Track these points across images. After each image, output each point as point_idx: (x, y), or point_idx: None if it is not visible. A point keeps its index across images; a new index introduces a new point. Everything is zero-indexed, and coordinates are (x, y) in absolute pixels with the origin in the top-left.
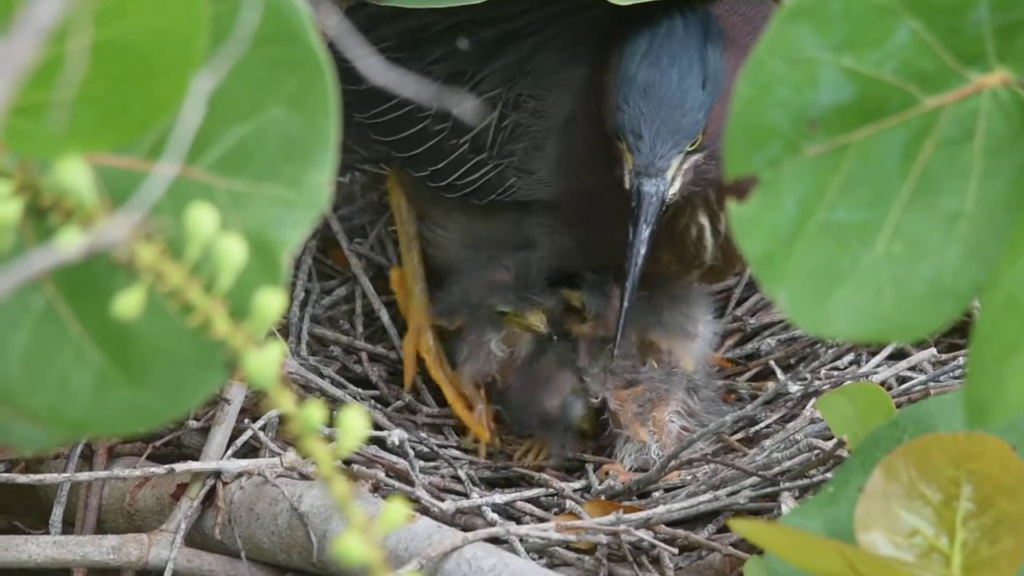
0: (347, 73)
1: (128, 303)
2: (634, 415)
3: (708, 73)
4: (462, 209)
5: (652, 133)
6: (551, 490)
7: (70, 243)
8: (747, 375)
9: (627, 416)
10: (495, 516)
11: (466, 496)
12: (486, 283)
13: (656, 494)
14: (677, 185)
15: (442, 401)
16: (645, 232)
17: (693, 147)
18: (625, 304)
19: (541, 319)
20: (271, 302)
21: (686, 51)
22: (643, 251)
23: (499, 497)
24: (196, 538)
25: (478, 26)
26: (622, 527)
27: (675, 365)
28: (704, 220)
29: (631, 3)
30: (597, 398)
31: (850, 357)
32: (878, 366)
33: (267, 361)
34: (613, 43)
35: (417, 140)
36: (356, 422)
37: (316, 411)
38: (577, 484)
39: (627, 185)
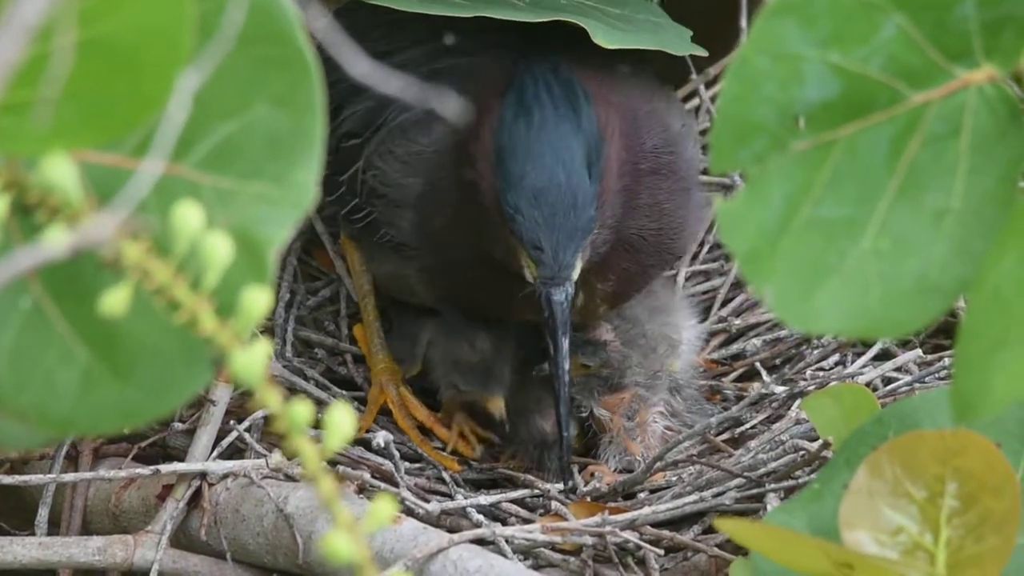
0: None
1: (114, 301)
2: (625, 429)
3: (590, 153)
4: (376, 252)
5: (553, 245)
6: (536, 491)
7: (56, 241)
8: (732, 376)
9: (618, 428)
10: (480, 517)
11: (451, 497)
12: (450, 361)
13: (641, 495)
14: (578, 275)
15: (428, 404)
16: (565, 344)
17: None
18: (565, 434)
19: (499, 407)
20: (257, 300)
21: (564, 140)
22: (567, 365)
23: (484, 498)
24: (182, 539)
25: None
26: (608, 528)
27: (658, 368)
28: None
29: (617, 47)
30: (586, 411)
31: (836, 358)
32: (864, 367)
33: (253, 359)
34: (483, 115)
35: (326, 168)
36: (342, 420)
37: (302, 409)
38: (562, 485)
39: (530, 281)
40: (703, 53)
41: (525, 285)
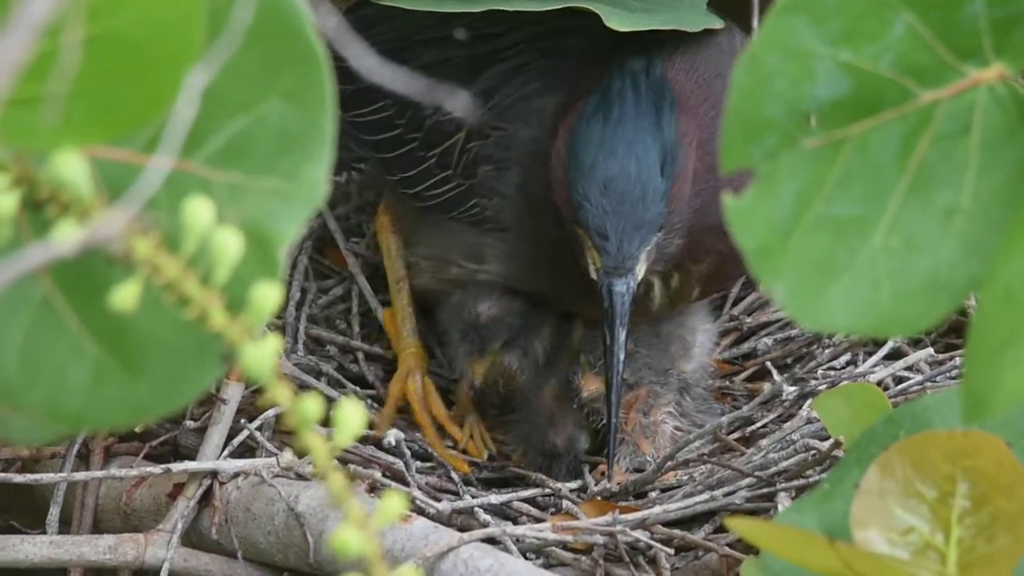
0: (340, 72)
1: (125, 296)
2: (640, 426)
3: (665, 155)
4: (438, 229)
5: (618, 234)
6: (547, 490)
7: (67, 236)
8: (743, 375)
9: (633, 424)
10: (488, 517)
11: (461, 497)
12: (460, 326)
13: (652, 494)
14: (643, 273)
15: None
16: (622, 335)
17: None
18: (613, 419)
19: (480, 372)
20: (268, 295)
21: (640, 135)
22: (622, 356)
23: (495, 497)
24: (193, 538)
25: (462, 40)
26: (618, 527)
27: (669, 367)
28: (654, 279)
29: (630, 29)
30: (602, 418)
31: (847, 357)
32: (875, 366)
33: (264, 354)
34: (572, 103)
35: (392, 145)
36: (352, 415)
37: (313, 404)
38: (573, 484)
39: (594, 277)
40: (719, 25)
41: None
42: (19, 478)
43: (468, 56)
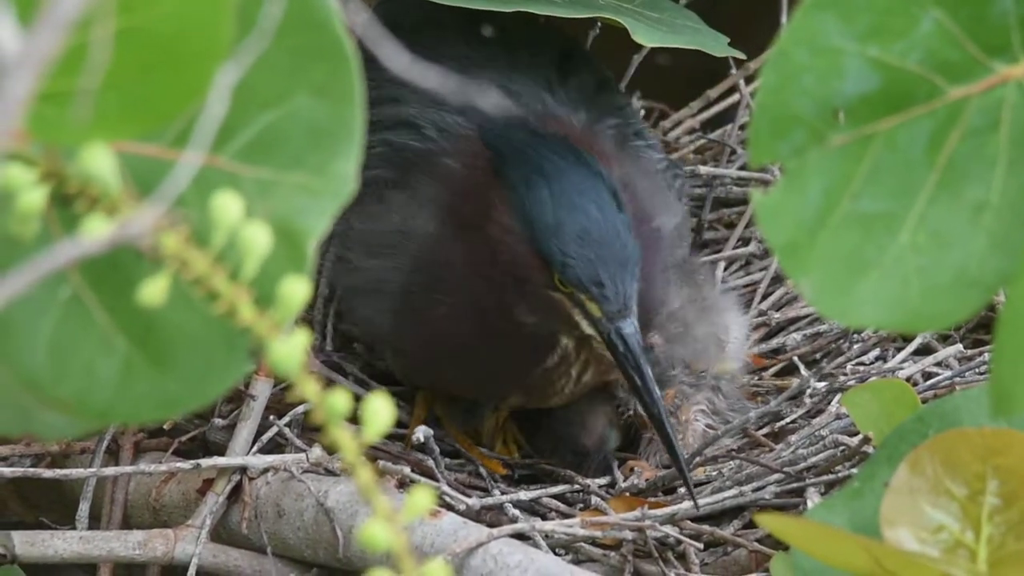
0: None
1: (153, 291)
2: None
3: (611, 189)
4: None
5: (612, 277)
6: (576, 486)
7: (96, 232)
8: (772, 370)
9: None
10: (518, 513)
11: (491, 493)
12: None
13: (681, 490)
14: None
15: None
16: (649, 371)
17: None
18: (679, 452)
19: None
20: (297, 290)
21: (584, 179)
22: (658, 391)
23: (524, 493)
24: (222, 534)
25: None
26: (647, 523)
27: (704, 370)
28: (574, 370)
29: (658, 44)
30: (630, 409)
31: (876, 353)
32: (903, 362)
33: (292, 349)
34: (483, 192)
35: None
36: (381, 410)
37: (342, 398)
38: (602, 480)
39: (589, 332)
40: (741, 56)
41: (547, 357)
42: (49, 473)
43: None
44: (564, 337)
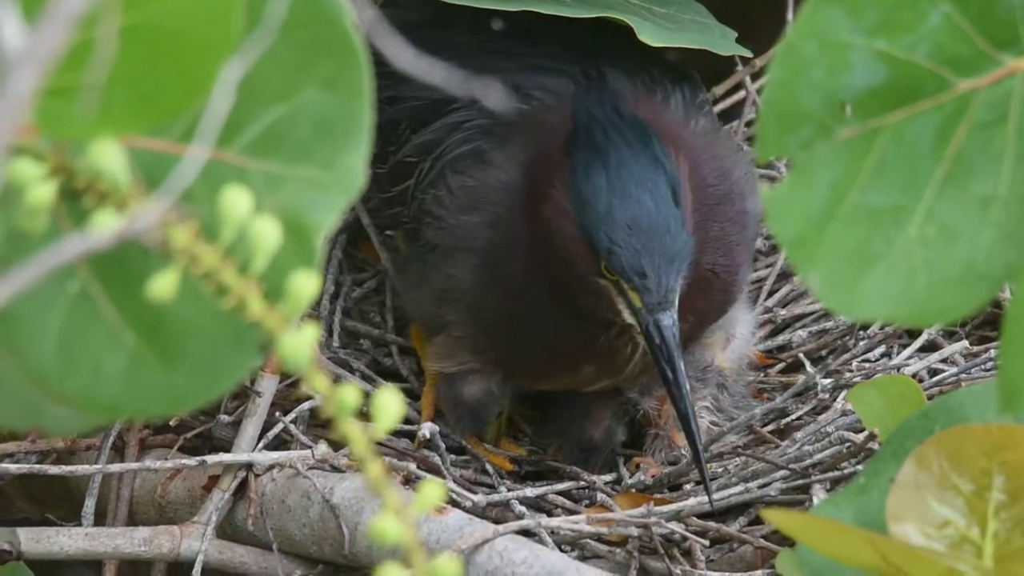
0: None
1: (162, 286)
2: (674, 421)
3: (672, 182)
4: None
5: (656, 269)
6: (582, 483)
7: (104, 226)
8: (778, 367)
9: (666, 418)
10: (524, 509)
11: (497, 489)
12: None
13: (687, 487)
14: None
15: None
16: (682, 366)
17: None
18: (699, 448)
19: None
20: (306, 284)
21: (646, 173)
22: (688, 386)
23: (530, 490)
24: (228, 530)
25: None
26: (653, 519)
27: (709, 364)
28: (640, 336)
29: (662, 45)
30: (640, 409)
31: (881, 349)
32: (909, 358)
33: (301, 343)
34: (542, 169)
35: (376, 160)
36: (390, 404)
37: (350, 392)
38: (608, 477)
39: (630, 321)
40: (748, 54)
41: (608, 331)
42: (54, 470)
43: (424, 102)
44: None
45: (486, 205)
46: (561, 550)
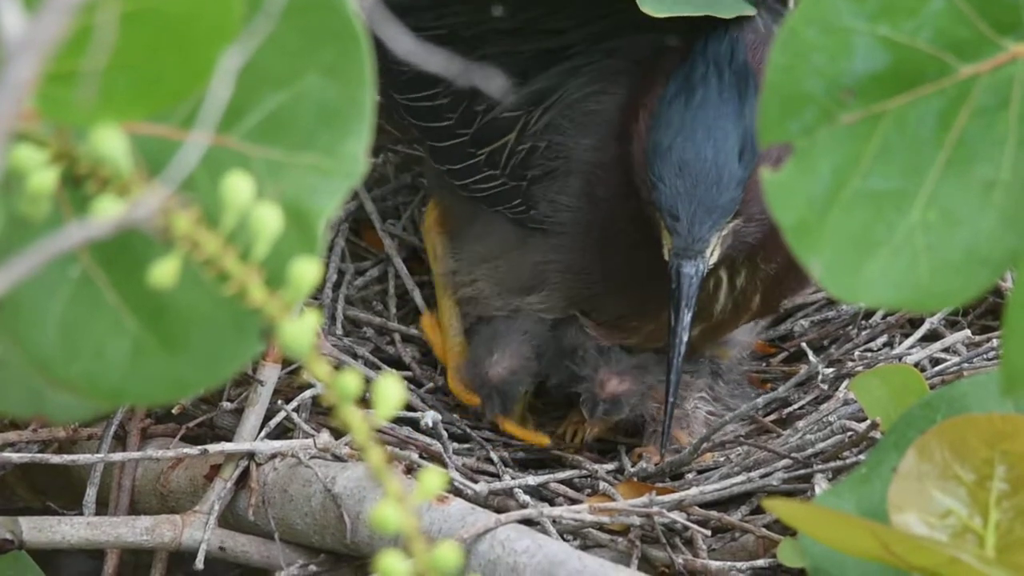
0: (394, 56)
1: (164, 272)
2: (675, 419)
3: (745, 142)
4: (491, 234)
5: (689, 215)
6: (584, 472)
7: (106, 212)
8: (780, 357)
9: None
10: (527, 498)
11: (499, 478)
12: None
13: (689, 476)
14: (716, 257)
15: None
16: (687, 317)
17: (731, 220)
18: (670, 399)
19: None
20: (307, 270)
21: (721, 121)
22: (686, 338)
23: (532, 479)
24: (229, 519)
25: (519, 35)
26: (655, 509)
27: (702, 353)
28: (723, 274)
29: (666, 15)
30: (635, 410)
31: (883, 339)
32: (911, 348)
33: (303, 329)
34: (648, 89)
35: (442, 135)
36: (391, 391)
37: (352, 379)
38: (610, 466)
39: (665, 258)
40: (751, 12)
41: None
42: (56, 459)
43: (528, 54)
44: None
45: (604, 128)
46: (563, 539)
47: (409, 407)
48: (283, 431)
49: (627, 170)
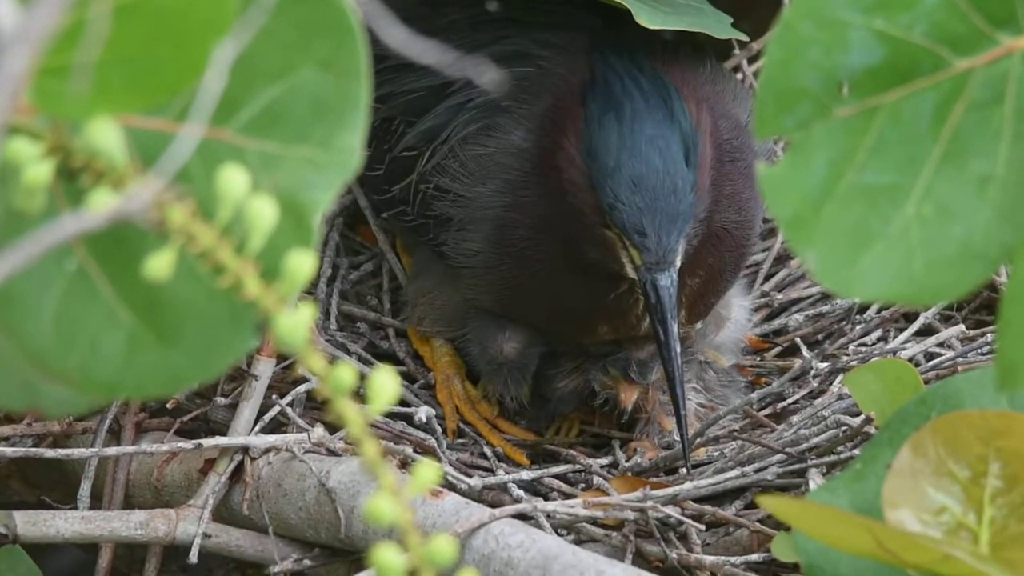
0: None
1: (159, 264)
2: (660, 404)
3: (686, 144)
4: (428, 268)
5: (656, 229)
6: (578, 466)
7: (101, 206)
8: (774, 351)
9: (653, 403)
10: (522, 493)
11: (493, 473)
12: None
13: (683, 470)
14: (680, 260)
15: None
16: (675, 328)
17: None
18: (683, 411)
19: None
20: (302, 263)
21: (659, 128)
22: (679, 348)
23: (527, 473)
24: (224, 513)
25: (411, 70)
26: (649, 503)
27: (689, 345)
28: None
29: (659, 27)
30: (623, 403)
31: (878, 333)
32: (906, 342)
33: (298, 322)
34: (557, 118)
35: (366, 165)
36: (386, 384)
37: (347, 372)
38: (604, 460)
39: (632, 276)
40: (745, 38)
41: (618, 287)
42: (50, 453)
43: (419, 91)
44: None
45: (499, 172)
46: (557, 534)
47: (403, 402)
48: (277, 425)
49: (549, 204)
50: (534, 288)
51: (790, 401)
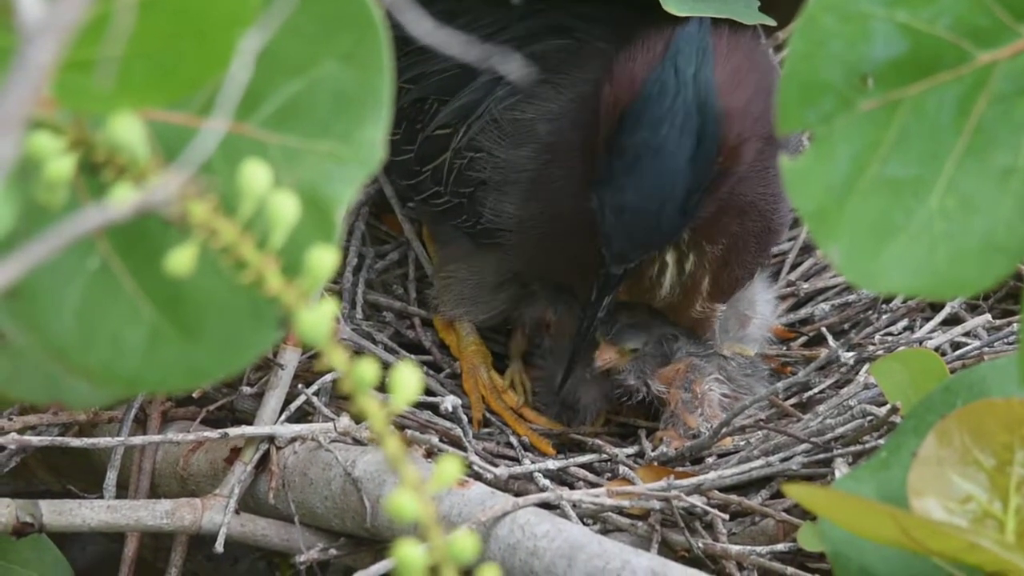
0: None
1: (181, 260)
2: (683, 403)
3: (695, 183)
4: (455, 248)
5: (622, 249)
6: (604, 456)
7: (123, 200)
8: (800, 341)
9: (675, 401)
10: (547, 482)
11: (519, 462)
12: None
13: (709, 460)
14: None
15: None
16: (605, 300)
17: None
18: (572, 363)
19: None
20: (324, 258)
21: (671, 169)
22: (596, 318)
23: (552, 463)
24: (250, 503)
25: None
26: (674, 492)
27: (708, 329)
28: (669, 258)
29: (687, 14)
30: (645, 395)
31: (904, 323)
32: (932, 332)
33: (320, 317)
34: (604, 108)
35: (393, 150)
36: (409, 378)
37: (369, 368)
38: (630, 450)
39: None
40: (771, 23)
41: None
42: (76, 442)
43: (451, 71)
44: None
45: (537, 137)
46: (583, 523)
47: (429, 391)
48: (303, 415)
49: (578, 162)
50: (563, 248)
51: (816, 390)
